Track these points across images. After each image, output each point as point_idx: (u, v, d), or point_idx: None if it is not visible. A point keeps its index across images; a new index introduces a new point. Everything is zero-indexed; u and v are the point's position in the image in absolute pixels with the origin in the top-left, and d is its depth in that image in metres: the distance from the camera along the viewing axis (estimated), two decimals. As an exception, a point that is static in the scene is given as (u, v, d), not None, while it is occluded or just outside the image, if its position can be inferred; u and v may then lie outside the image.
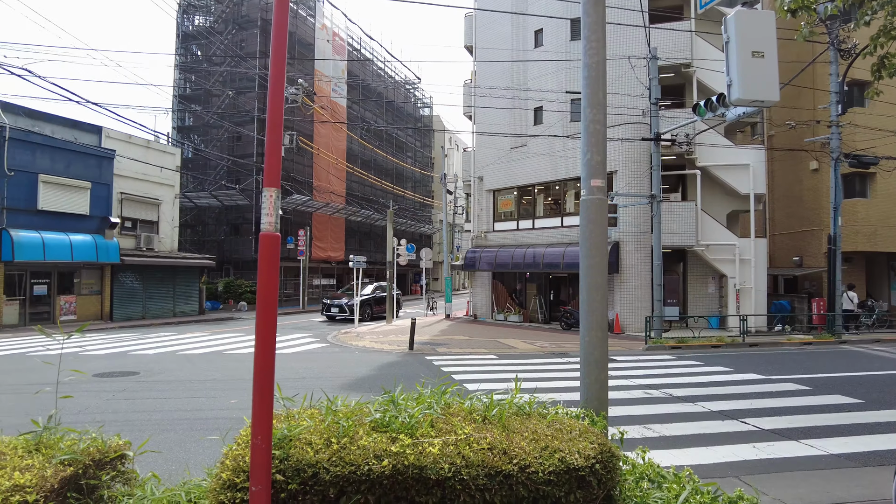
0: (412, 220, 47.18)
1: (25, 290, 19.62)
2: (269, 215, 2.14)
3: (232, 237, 34.29)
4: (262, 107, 32.26)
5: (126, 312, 22.67)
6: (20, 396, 8.17)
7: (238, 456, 2.49)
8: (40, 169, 19.58)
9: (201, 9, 36.36)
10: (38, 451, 2.75)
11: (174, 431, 6.36)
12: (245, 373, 10.55)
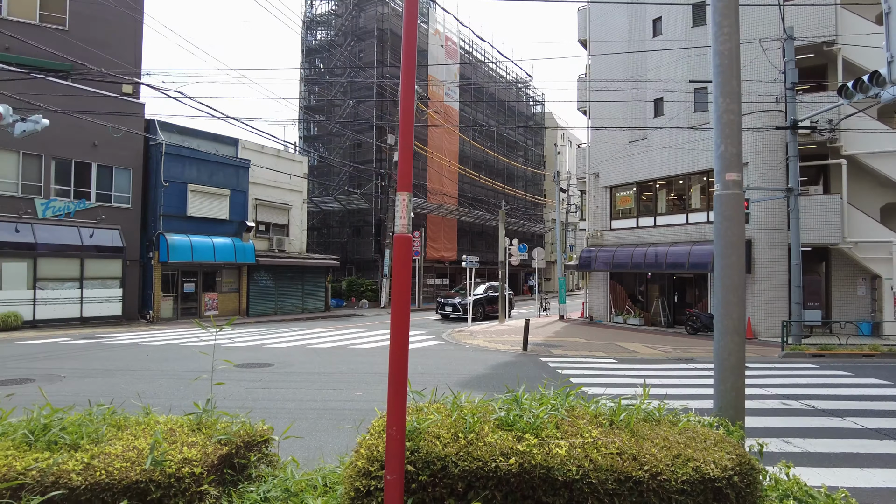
0: (524, 219, 46.87)
1: (177, 287, 22.03)
2: (402, 218, 2.24)
3: (354, 239, 36.15)
4: (379, 114, 33.68)
5: (260, 308, 24.67)
6: (178, 381, 9.18)
7: (372, 445, 2.62)
8: (189, 179, 21.91)
9: (323, 24, 38.68)
10: (199, 431, 3.07)
11: (306, 420, 6.82)
12: (367, 367, 11.07)
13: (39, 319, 17.98)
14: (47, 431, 2.85)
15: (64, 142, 18.61)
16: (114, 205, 20.25)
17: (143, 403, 3.57)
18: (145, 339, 15.50)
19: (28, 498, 2.40)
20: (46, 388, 8.27)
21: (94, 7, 19.97)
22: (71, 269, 18.90)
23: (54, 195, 18.90)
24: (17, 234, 17.50)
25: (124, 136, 19.52)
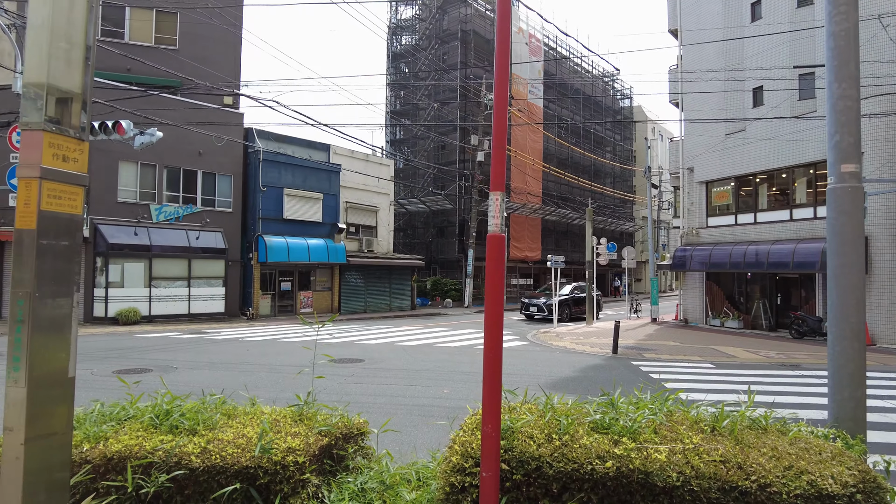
0: (612, 217, 45.50)
1: (275, 286, 23.28)
2: (495, 217, 2.26)
3: (438, 239, 36.65)
4: (463, 115, 33.93)
5: (351, 306, 25.56)
6: (276, 374, 9.72)
7: (465, 442, 2.66)
8: (284, 184, 23.10)
9: (407, 28, 39.50)
10: (301, 422, 3.24)
11: (396, 415, 7.00)
12: (453, 365, 11.19)
13: (154, 315, 19.63)
14: (169, 416, 3.11)
15: (174, 152, 20.20)
16: (217, 209, 21.75)
17: (249, 394, 3.81)
18: (246, 334, 16.51)
19: (156, 475, 2.64)
20: (158, 378, 9.02)
21: (200, 27, 21.54)
22: (180, 269, 20.49)
23: (166, 201, 20.58)
24: (136, 237, 19.21)
25: (226, 145, 20.90)
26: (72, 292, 2.41)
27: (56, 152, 2.31)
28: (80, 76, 2.43)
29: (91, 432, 2.98)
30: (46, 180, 2.26)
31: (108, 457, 2.77)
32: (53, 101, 2.34)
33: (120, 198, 19.26)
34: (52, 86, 2.32)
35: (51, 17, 2.33)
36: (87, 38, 2.45)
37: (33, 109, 2.30)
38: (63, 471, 2.48)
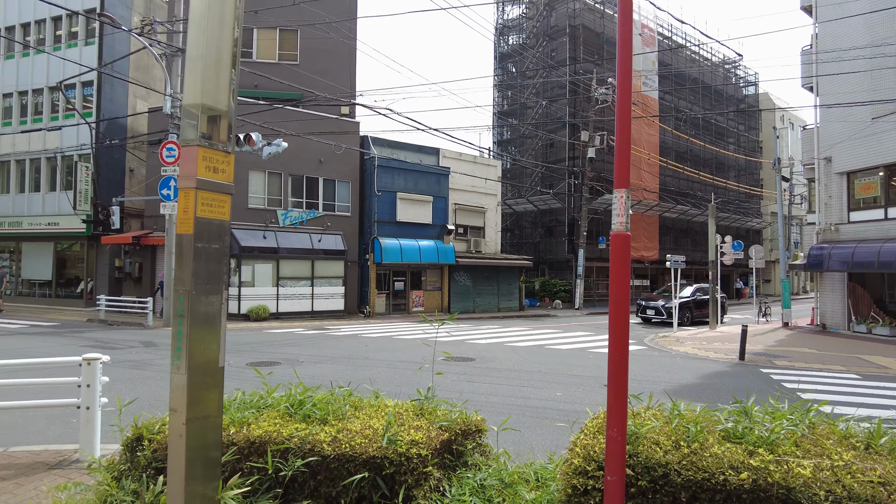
0: (737, 213, 42.30)
1: (389, 285, 24.19)
2: (619, 215, 2.21)
3: (546, 239, 36.15)
4: (572, 111, 33.22)
5: (460, 306, 25.93)
6: (392, 370, 10.10)
7: (587, 445, 2.62)
8: (397, 188, 23.94)
9: (514, 28, 39.35)
10: (422, 416, 3.36)
11: (508, 415, 6.98)
12: (565, 368, 10.99)
13: (281, 312, 21.16)
14: (302, 406, 3.35)
15: (297, 161, 21.64)
16: (336, 213, 23.01)
17: (372, 388, 4.01)
18: (363, 331, 17.31)
19: (293, 460, 2.86)
20: (288, 370, 9.70)
21: (318, 41, 22.92)
22: (303, 270, 21.92)
23: (291, 206, 22.11)
24: (265, 240, 20.82)
25: (344, 153, 22.05)
26: (221, 290, 2.69)
27: (208, 164, 2.58)
28: (226, 96, 2.69)
29: (235, 417, 3.29)
30: (201, 190, 2.53)
31: (251, 441, 3.05)
32: (206, 120, 2.62)
33: (250, 204, 20.98)
34: (205, 106, 2.60)
35: (204, 49, 2.62)
36: (232, 63, 2.72)
37: (190, 128, 2.60)
38: (216, 450, 2.76)
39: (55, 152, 24.25)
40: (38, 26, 25.32)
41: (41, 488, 4.23)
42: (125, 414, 3.62)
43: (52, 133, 24.19)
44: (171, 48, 17.87)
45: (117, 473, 3.37)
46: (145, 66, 24.82)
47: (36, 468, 4.69)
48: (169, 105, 17.24)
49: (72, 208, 22.85)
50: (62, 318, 19.21)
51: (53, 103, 24.83)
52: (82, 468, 4.60)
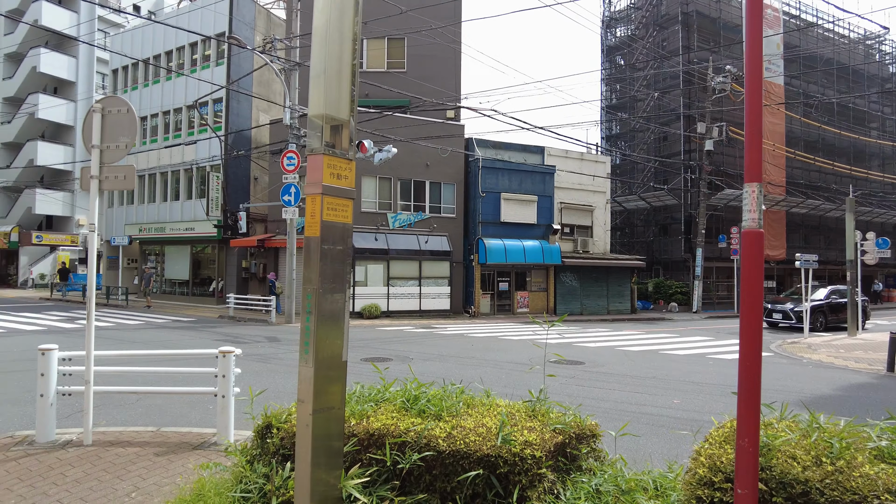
0: (881, 207, 37.81)
1: (493, 286, 24.26)
2: (751, 211, 2.06)
3: (660, 238, 34.48)
4: (687, 102, 31.45)
5: (566, 308, 25.42)
6: (498, 370, 10.12)
7: (713, 455, 2.47)
8: (502, 188, 23.95)
9: (622, 20, 37.94)
10: (534, 417, 3.34)
11: (621, 421, 6.75)
12: (682, 374, 10.42)
13: (391, 310, 21.93)
14: (417, 402, 3.46)
15: (405, 165, 22.31)
16: (442, 215, 23.45)
17: (483, 387, 4.05)
18: (469, 330, 17.49)
19: (410, 454, 2.96)
20: (400, 366, 10.03)
21: (424, 48, 23.49)
22: (412, 270, 22.56)
23: (400, 209, 22.85)
24: (376, 242, 21.68)
25: (449, 156, 22.43)
26: (344, 289, 2.84)
27: (332, 171, 2.74)
28: (347, 106, 2.85)
29: (355, 410, 3.46)
30: (326, 195, 2.70)
31: (371, 433, 3.19)
32: (329, 129, 2.79)
33: (363, 208, 21.94)
34: (328, 116, 2.77)
35: (326, 62, 2.79)
36: (352, 74, 2.87)
37: (315, 138, 2.77)
38: (339, 440, 2.92)
39: (191, 164, 26.84)
40: (178, 52, 28.16)
41: (188, 465, 4.71)
42: (254, 403, 3.94)
43: (189, 147, 26.80)
44: (289, 63, 19.15)
45: (250, 457, 3.66)
46: (266, 81, 26.77)
47: (182, 447, 5.22)
48: (288, 116, 18.47)
49: (205, 214, 25.17)
50: (198, 314, 21.21)
51: (189, 120, 27.49)
52: (220, 450, 5.05)
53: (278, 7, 34.08)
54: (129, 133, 5.12)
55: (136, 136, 5.26)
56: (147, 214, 28.98)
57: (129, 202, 30.14)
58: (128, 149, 5.11)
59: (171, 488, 4.22)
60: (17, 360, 10.19)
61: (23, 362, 9.92)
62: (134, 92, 29.73)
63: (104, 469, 4.64)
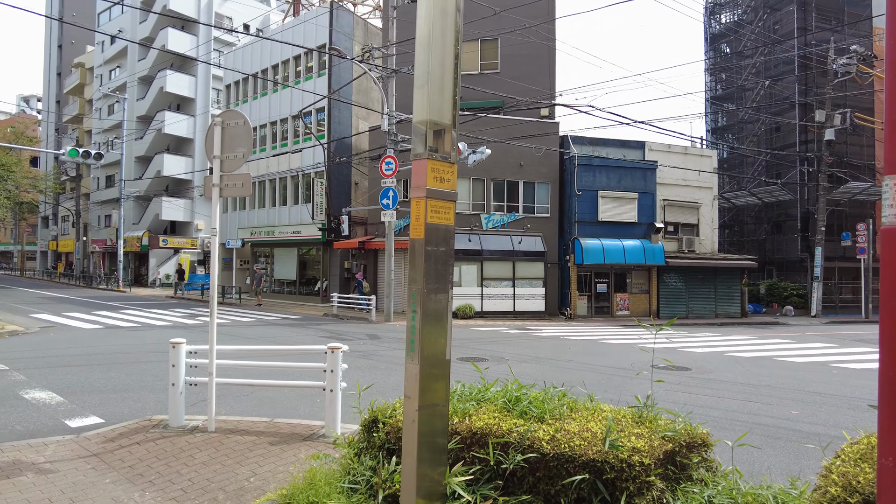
0: None
1: (591, 287, 23.64)
2: (891, 206, 1.87)
3: (773, 236, 32.04)
4: (803, 88, 29.00)
5: (670, 311, 24.25)
6: (598, 374, 9.85)
7: (846, 473, 2.27)
8: (599, 186, 23.31)
9: (727, 5, 35.65)
10: (641, 424, 3.23)
11: (733, 431, 6.36)
12: (801, 383, 9.62)
13: (485, 311, 22.00)
14: (519, 403, 3.46)
15: (498, 166, 22.31)
16: (536, 215, 23.20)
17: (586, 391, 3.97)
18: (565, 333, 17.17)
19: (513, 454, 2.97)
20: (497, 367, 10.04)
21: (517, 47, 23.36)
22: (505, 271, 22.51)
23: (493, 210, 22.88)
24: (469, 243, 21.85)
25: (543, 155, 22.15)
26: (447, 289, 2.90)
27: (436, 175, 2.81)
28: (450, 110, 2.90)
29: (458, 408, 3.51)
30: (430, 198, 2.77)
31: (473, 431, 3.23)
32: (432, 134, 2.86)
33: (456, 209, 22.08)
34: (432, 121, 2.84)
35: (429, 68, 2.86)
36: (454, 79, 2.92)
37: (419, 143, 2.86)
38: (443, 437, 2.98)
39: (297, 171, 28.44)
40: (283, 66, 29.96)
41: (300, 455, 5.00)
42: (356, 397, 4.11)
43: (295, 155, 28.44)
44: (386, 70, 19.76)
45: (357, 450, 3.82)
46: (365, 89, 27.79)
47: (293, 438, 5.55)
48: (386, 123, 19.07)
49: (310, 218, 26.58)
50: (304, 312, 22.42)
51: (295, 130, 29.14)
52: (328, 442, 5.31)
53: (374, 17, 35.33)
54: (246, 143, 5.53)
55: (251, 146, 5.67)
56: (258, 219, 31.07)
57: (241, 208, 32.46)
58: (245, 158, 5.51)
59: (284, 476, 4.50)
60: (150, 352, 11.30)
61: (155, 353, 10.98)
62: (244, 105, 31.98)
63: (226, 454, 5.04)
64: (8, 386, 7.99)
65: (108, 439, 5.41)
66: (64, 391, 7.72)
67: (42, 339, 13.28)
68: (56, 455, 4.95)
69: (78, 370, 9.31)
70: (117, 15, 44.07)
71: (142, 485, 4.33)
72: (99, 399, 7.37)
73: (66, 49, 56.61)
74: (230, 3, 41.37)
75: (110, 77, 45.49)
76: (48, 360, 10.22)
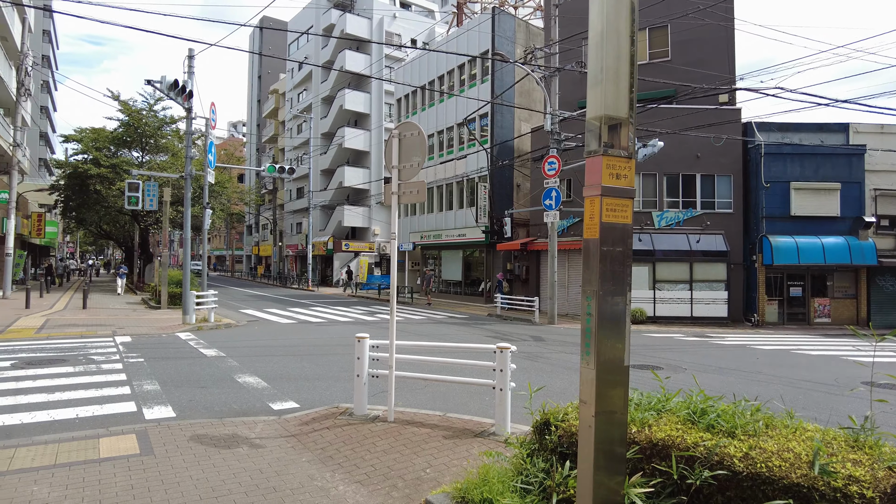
0: None
1: (782, 291, 21.08)
2: None
3: None
4: None
5: (884, 319, 20.73)
6: (794, 389, 8.74)
7: None
8: (791, 177, 20.72)
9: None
10: (858, 449, 2.79)
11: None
12: None
13: (658, 316, 20.70)
14: (705, 416, 3.19)
15: (671, 159, 20.87)
16: (716, 211, 21.28)
17: (784, 407, 3.54)
18: (752, 342, 15.51)
19: (699, 470, 2.75)
20: (675, 375, 9.39)
21: (689, 32, 21.69)
22: (681, 273, 20.96)
23: (666, 207, 21.47)
24: (640, 243, 20.73)
25: (723, 144, 20.27)
26: (625, 291, 2.78)
27: (611, 171, 2.71)
28: (626, 103, 2.78)
29: (636, 417, 3.34)
30: (605, 196, 2.68)
31: (654, 442, 3.05)
32: (606, 130, 2.76)
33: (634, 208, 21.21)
34: (607, 116, 2.74)
35: (603, 62, 2.77)
36: (630, 70, 2.79)
37: (593, 139, 2.78)
38: (620, 445, 2.86)
39: (462, 177, 29.39)
40: (448, 76, 31.16)
41: (472, 451, 5.14)
42: (523, 399, 4.11)
43: (460, 161, 29.43)
44: (549, 70, 19.57)
45: (529, 451, 3.82)
46: (527, 90, 27.82)
47: (465, 434, 5.72)
48: (549, 122, 18.89)
49: (474, 221, 27.29)
50: (469, 312, 23.07)
51: (460, 137, 30.15)
52: (498, 440, 5.39)
53: (535, 17, 35.25)
54: (420, 153, 5.84)
55: (426, 155, 5.97)
56: (426, 223, 32.70)
57: (412, 213, 34.39)
58: (419, 166, 5.83)
59: (457, 469, 4.67)
60: (336, 345, 12.45)
61: (340, 347, 12.09)
62: (413, 116, 33.86)
63: (404, 444, 5.36)
64: (226, 370, 9.35)
65: (303, 422, 6.07)
66: (267, 377, 8.82)
67: (249, 331, 15.33)
68: (263, 433, 5.67)
69: (278, 359, 10.58)
70: (304, 44, 49.44)
71: (332, 466, 4.78)
72: (295, 386, 8.30)
73: (265, 78, 64.78)
74: (399, 21, 44.10)
75: (298, 100, 51.13)
76: (254, 350, 11.76)
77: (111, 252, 79.16)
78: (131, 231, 37.06)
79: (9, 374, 8.49)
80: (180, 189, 23.78)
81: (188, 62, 16.49)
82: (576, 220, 22.94)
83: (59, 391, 7.49)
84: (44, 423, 6.06)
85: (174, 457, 4.89)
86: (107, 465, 4.65)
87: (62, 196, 30.99)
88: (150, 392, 7.58)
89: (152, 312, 19.04)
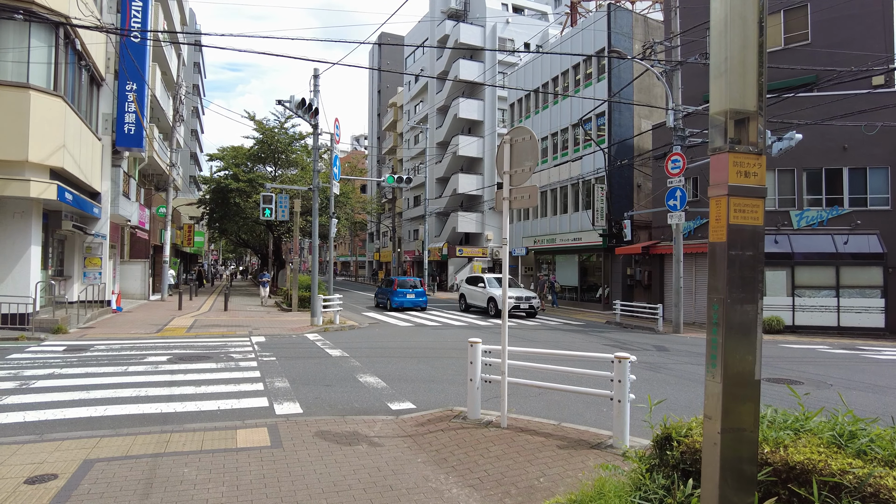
0: None
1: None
2: None
3: None
4: None
5: None
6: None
7: None
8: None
9: None
10: None
11: None
12: None
13: (797, 325, 18.79)
14: (854, 439, 2.85)
15: (812, 152, 18.90)
16: (868, 208, 18.93)
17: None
18: (917, 357, 13.58)
19: (848, 500, 2.45)
20: (815, 392, 8.47)
21: (833, 9, 19.55)
22: (825, 277, 18.88)
23: (807, 205, 19.47)
24: (776, 245, 18.97)
25: (877, 133, 18.00)
26: (756, 299, 2.55)
27: (739, 169, 2.51)
28: (754, 96, 2.57)
29: (769, 436, 3.06)
30: (733, 196, 2.49)
31: (790, 465, 2.77)
32: (732, 125, 2.56)
33: (758, 207, 19.52)
34: (732, 110, 2.55)
35: (727, 53, 2.57)
36: (759, 60, 2.57)
37: (718, 136, 2.59)
38: (751, 465, 2.63)
39: (577, 179, 28.70)
40: (563, 77, 30.62)
41: (587, 463, 4.99)
42: (642, 411, 3.89)
43: (575, 163, 28.76)
44: (670, 64, 18.57)
45: (648, 466, 3.63)
46: (647, 87, 26.59)
47: (580, 444, 5.56)
48: (671, 118, 17.91)
49: (590, 224, 26.51)
50: (585, 319, 22.41)
51: (574, 138, 29.48)
52: (616, 453, 5.18)
53: (654, 10, 33.64)
54: (532, 157, 5.80)
55: (538, 159, 5.91)
56: (539, 228, 32.31)
57: (524, 218, 34.16)
58: (531, 171, 5.78)
59: (572, 481, 4.54)
60: (450, 349, 12.66)
61: (454, 350, 12.28)
62: (527, 120, 33.64)
63: (517, 451, 5.31)
64: (349, 370, 9.85)
65: (419, 423, 6.23)
66: (386, 378, 9.17)
67: (370, 333, 16.04)
68: (381, 432, 5.90)
69: (396, 361, 10.97)
70: (420, 56, 51.06)
71: (446, 469, 4.86)
72: (411, 387, 8.55)
73: (384, 93, 67.74)
74: (511, 27, 44.10)
75: (415, 111, 52.84)
76: (375, 351, 12.29)
77: (248, 259, 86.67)
78: (266, 240, 40.33)
79: (166, 368, 9.59)
80: (309, 200, 25.50)
81: (313, 81, 17.65)
82: (703, 221, 21.51)
83: (205, 385, 8.31)
84: (192, 413, 6.76)
85: (300, 451, 5.23)
86: (242, 455, 5.09)
87: (207, 209, 34.53)
88: (281, 389, 8.18)
89: (284, 314, 20.56)
